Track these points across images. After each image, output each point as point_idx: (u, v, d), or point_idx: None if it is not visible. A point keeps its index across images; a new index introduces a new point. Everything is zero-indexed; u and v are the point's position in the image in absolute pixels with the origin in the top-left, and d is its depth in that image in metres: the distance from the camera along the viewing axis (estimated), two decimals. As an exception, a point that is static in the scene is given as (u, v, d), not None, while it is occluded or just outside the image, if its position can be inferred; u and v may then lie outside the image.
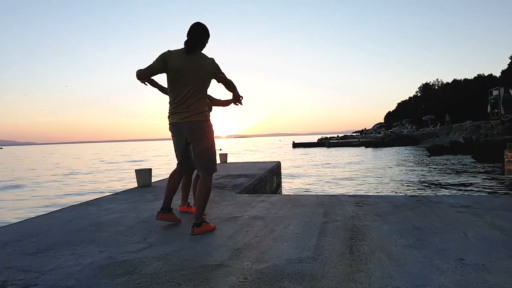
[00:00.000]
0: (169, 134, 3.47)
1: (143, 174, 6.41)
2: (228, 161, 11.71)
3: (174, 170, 3.62)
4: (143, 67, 3.24)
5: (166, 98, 3.42)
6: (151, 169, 6.60)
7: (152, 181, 6.67)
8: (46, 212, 4.56)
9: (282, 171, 10.99)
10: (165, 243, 2.97)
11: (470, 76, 62.16)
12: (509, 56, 46.42)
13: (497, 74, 51.60)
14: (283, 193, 9.72)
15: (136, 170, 6.50)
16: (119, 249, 2.85)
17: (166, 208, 3.55)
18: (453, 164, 18.64)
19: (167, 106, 3.37)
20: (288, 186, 12.61)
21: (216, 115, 3.62)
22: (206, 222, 3.30)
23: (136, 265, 2.50)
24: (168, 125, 3.40)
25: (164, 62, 3.20)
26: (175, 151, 3.50)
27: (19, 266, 2.57)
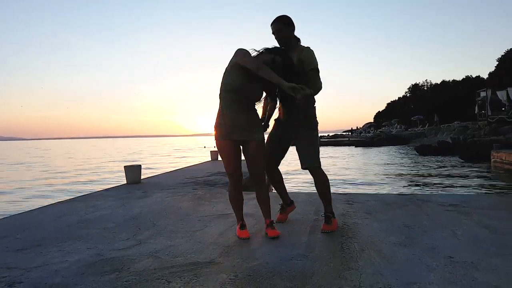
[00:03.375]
0: (160, 131, 3.41)
1: (132, 171, 6.34)
2: (219, 159, 11.67)
3: None
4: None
5: (158, 97, 3.37)
6: (140, 165, 6.53)
7: (142, 178, 6.60)
8: (33, 208, 4.48)
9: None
10: (155, 240, 2.94)
11: (459, 77, 63.00)
12: (496, 59, 47.08)
13: (485, 76, 52.33)
14: (274, 191, 9.72)
15: (125, 167, 6.42)
16: (107, 246, 2.81)
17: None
18: (441, 163, 18.85)
19: (159, 104, 3.32)
20: (278, 184, 12.62)
21: (205, 112, 3.51)
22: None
23: (124, 262, 2.46)
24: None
25: None
26: None
27: (4, 263, 2.51)
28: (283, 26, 3.05)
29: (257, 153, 2.92)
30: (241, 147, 2.97)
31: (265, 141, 3.13)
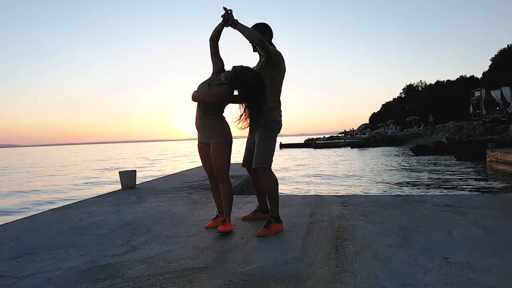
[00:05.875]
0: (156, 136, 3.41)
1: (127, 176, 6.30)
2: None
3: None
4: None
5: (153, 101, 3.37)
6: (135, 170, 6.50)
7: (137, 183, 6.57)
8: (26, 216, 4.44)
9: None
10: (149, 246, 2.92)
11: (453, 77, 63.27)
12: (490, 58, 47.43)
13: (479, 75, 52.66)
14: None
15: (120, 172, 6.38)
16: (101, 253, 2.78)
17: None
18: (437, 163, 18.91)
19: (154, 108, 3.33)
20: (275, 187, 12.62)
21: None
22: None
23: (118, 269, 2.44)
24: (280, 126, 3.33)
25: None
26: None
27: (-4, 271, 2.48)
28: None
29: (214, 155, 3.23)
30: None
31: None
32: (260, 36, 3.04)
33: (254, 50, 3.27)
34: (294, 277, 2.18)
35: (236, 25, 3.10)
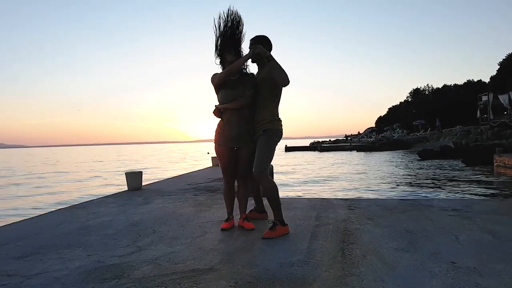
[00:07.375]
0: (162, 137, 3.44)
1: (134, 177, 6.33)
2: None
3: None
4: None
5: (159, 103, 3.40)
6: (141, 172, 6.53)
7: (143, 184, 6.60)
8: (34, 216, 4.47)
9: (274, 174, 10.98)
10: (155, 247, 2.93)
11: (460, 81, 62.96)
12: (498, 63, 47.11)
13: (486, 80, 52.35)
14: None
15: (126, 173, 6.41)
16: (108, 253, 2.79)
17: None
18: (443, 168, 18.78)
19: (160, 110, 3.37)
20: (280, 190, 12.62)
21: (207, 119, 3.55)
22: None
23: (124, 269, 2.45)
24: (280, 134, 3.38)
25: None
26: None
27: (4, 270, 2.51)
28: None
29: (246, 157, 3.37)
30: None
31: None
32: (288, 78, 3.11)
33: (253, 61, 3.38)
34: (300, 280, 2.17)
35: (270, 60, 3.15)
